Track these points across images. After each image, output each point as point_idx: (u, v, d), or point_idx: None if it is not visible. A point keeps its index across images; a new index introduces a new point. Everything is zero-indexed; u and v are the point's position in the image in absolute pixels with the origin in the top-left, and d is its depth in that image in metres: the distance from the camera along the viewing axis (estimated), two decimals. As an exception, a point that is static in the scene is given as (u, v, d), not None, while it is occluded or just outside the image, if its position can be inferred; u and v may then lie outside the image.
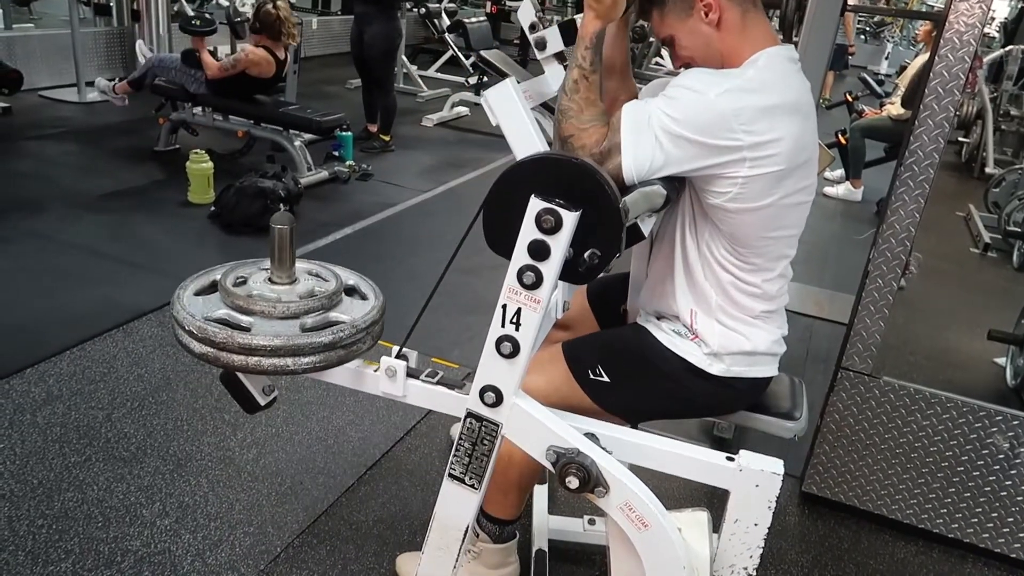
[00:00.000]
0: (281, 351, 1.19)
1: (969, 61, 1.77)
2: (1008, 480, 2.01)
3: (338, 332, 1.23)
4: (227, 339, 1.18)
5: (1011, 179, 5.19)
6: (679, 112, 1.23)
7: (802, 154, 1.30)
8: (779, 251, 1.39)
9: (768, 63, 1.30)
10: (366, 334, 1.28)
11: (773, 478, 1.21)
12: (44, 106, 5.42)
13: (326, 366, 1.24)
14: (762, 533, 1.24)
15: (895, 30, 14.61)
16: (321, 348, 1.21)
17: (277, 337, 1.19)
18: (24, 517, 1.84)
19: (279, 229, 1.25)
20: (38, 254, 3.21)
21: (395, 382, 1.30)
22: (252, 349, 1.18)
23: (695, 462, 1.25)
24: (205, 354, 1.20)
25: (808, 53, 2.48)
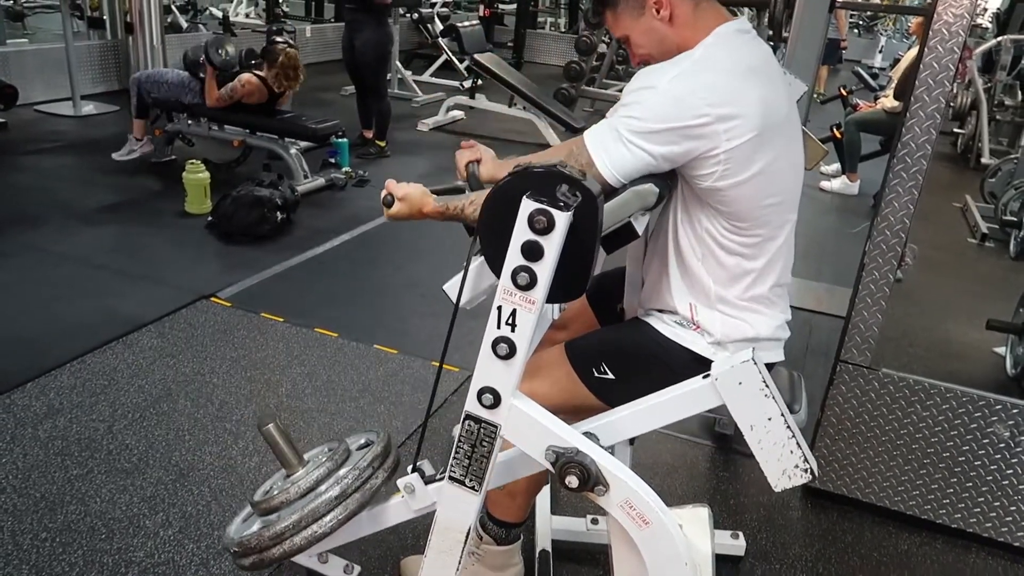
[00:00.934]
0: (302, 522, 1.28)
1: (959, 52, 1.77)
2: (1010, 469, 2.01)
3: (342, 480, 1.31)
4: (258, 539, 1.29)
5: (1007, 169, 5.20)
6: (639, 111, 1.24)
7: (773, 114, 1.30)
8: (781, 217, 1.38)
9: (715, 39, 1.32)
10: (374, 470, 1.35)
11: (748, 367, 1.21)
12: (40, 120, 5.43)
13: (350, 515, 1.31)
14: (782, 423, 1.21)
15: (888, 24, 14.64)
16: (335, 502, 1.29)
17: (295, 513, 1.28)
18: (27, 531, 1.84)
19: (264, 431, 1.37)
20: (37, 267, 3.22)
21: (419, 496, 1.36)
22: (280, 535, 1.28)
23: (681, 399, 1.27)
24: (255, 563, 1.31)
25: (798, 49, 2.49)
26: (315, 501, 1.29)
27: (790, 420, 1.22)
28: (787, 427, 1.22)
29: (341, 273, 3.48)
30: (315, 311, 3.07)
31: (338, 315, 3.05)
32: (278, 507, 1.34)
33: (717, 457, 2.40)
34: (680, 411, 1.28)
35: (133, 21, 6.17)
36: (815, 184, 5.59)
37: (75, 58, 5.59)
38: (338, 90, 7.11)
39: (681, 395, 1.27)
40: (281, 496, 1.34)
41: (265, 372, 2.60)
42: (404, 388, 2.58)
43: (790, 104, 1.38)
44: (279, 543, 1.29)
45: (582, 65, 6.81)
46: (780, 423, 1.22)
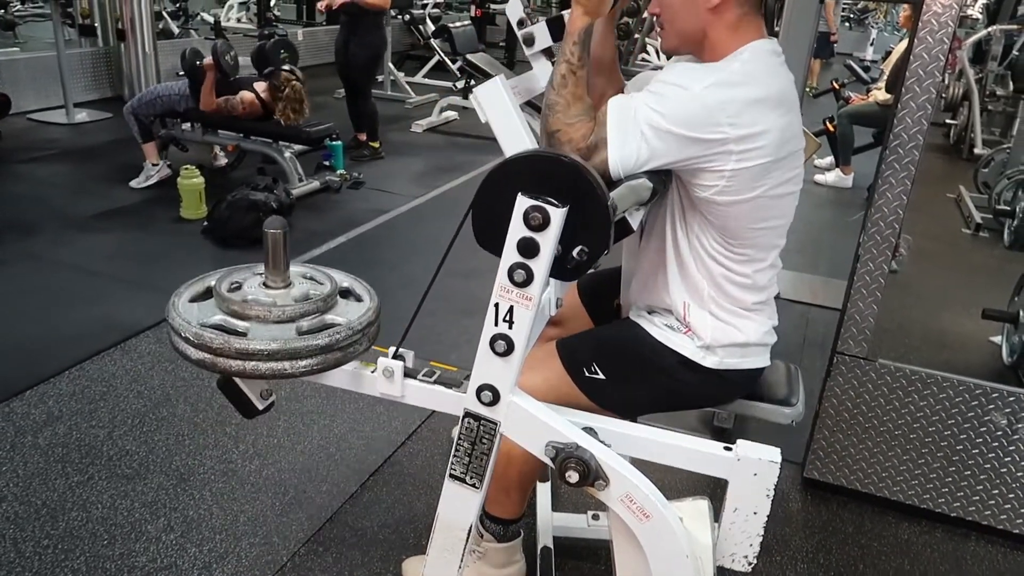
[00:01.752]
0: (278, 355, 1.19)
1: (948, 43, 1.78)
2: (1007, 457, 2.02)
3: (334, 334, 1.23)
4: (224, 344, 1.18)
5: (1000, 159, 5.22)
6: (665, 107, 1.24)
7: (787, 146, 1.31)
8: (770, 241, 1.39)
9: (752, 56, 1.31)
10: (362, 335, 1.28)
11: (771, 466, 1.21)
12: (33, 129, 5.43)
13: (323, 368, 1.24)
14: (761, 521, 1.25)
15: (879, 16, 14.66)
16: (318, 351, 1.21)
17: (274, 341, 1.19)
18: (29, 538, 1.84)
19: (272, 233, 1.25)
20: (33, 276, 3.22)
21: (393, 382, 1.30)
22: (249, 354, 1.18)
23: (693, 453, 1.26)
24: (202, 360, 1.20)
25: (789, 42, 2.49)
26: (298, 341, 1.20)
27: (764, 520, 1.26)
28: (763, 526, 1.26)
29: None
30: (313, 314, 3.06)
31: (336, 317, 3.05)
32: (247, 317, 1.23)
33: (716, 451, 2.41)
34: (687, 462, 1.27)
35: (125, 28, 6.18)
36: (809, 178, 5.59)
37: (67, 66, 5.59)
38: (331, 93, 7.11)
39: (696, 450, 1.26)
40: (256, 308, 1.23)
41: (264, 375, 2.60)
42: (403, 389, 2.58)
43: (801, 135, 1.38)
44: (243, 359, 1.18)
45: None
46: (760, 521, 1.25)
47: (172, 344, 1.25)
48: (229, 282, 1.30)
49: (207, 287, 1.33)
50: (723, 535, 1.28)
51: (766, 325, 1.45)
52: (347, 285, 1.40)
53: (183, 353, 1.22)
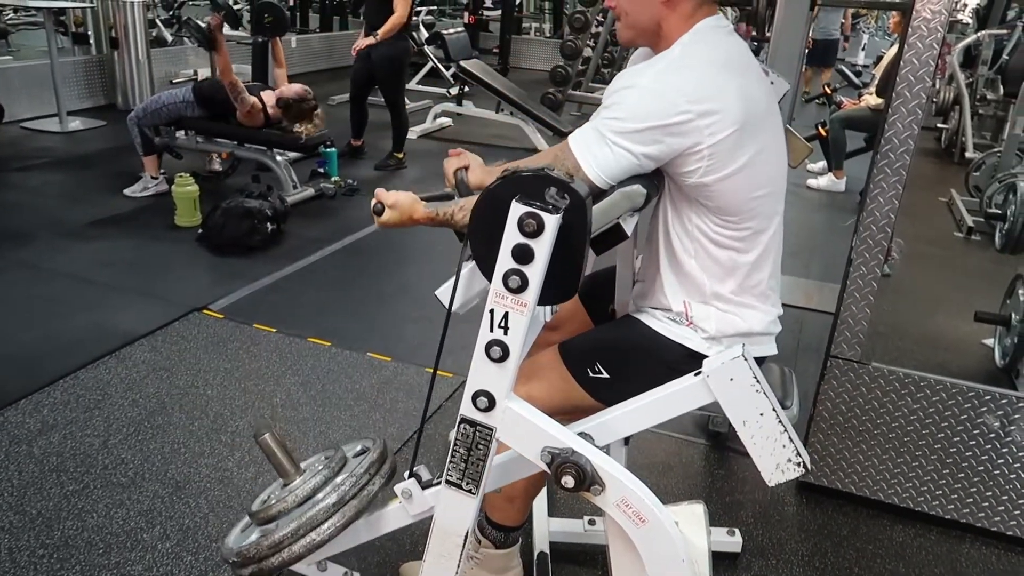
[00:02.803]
0: (300, 531, 1.28)
1: (938, 48, 1.80)
2: (1000, 459, 2.03)
3: (339, 487, 1.31)
4: (257, 549, 1.29)
5: (991, 162, 5.24)
6: (621, 111, 1.26)
7: (753, 106, 1.31)
8: (771, 207, 1.39)
9: (692, 38, 1.33)
10: (370, 477, 1.35)
11: (738, 362, 1.22)
12: (26, 137, 5.42)
13: (350, 521, 1.31)
14: (774, 419, 1.23)
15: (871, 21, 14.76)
16: (332, 509, 1.29)
17: (293, 522, 1.28)
18: (24, 548, 1.83)
19: (260, 441, 1.38)
20: (27, 284, 3.21)
21: (416, 501, 1.36)
22: (278, 544, 1.28)
23: (674, 397, 1.28)
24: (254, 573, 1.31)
25: (780, 48, 2.52)
26: (312, 509, 1.29)
27: (782, 415, 1.23)
28: (779, 422, 1.23)
29: (333, 282, 3.49)
30: (308, 321, 3.07)
31: (331, 324, 3.05)
32: (276, 516, 1.35)
33: (712, 455, 2.42)
34: (673, 409, 1.29)
35: (118, 36, 6.18)
36: (802, 182, 5.63)
37: (60, 74, 5.58)
38: (325, 100, 7.11)
39: (673, 393, 1.28)
40: (279, 505, 1.35)
41: (259, 383, 2.60)
42: (398, 395, 2.58)
43: (769, 96, 1.40)
44: (278, 552, 1.29)
45: (568, 69, 6.83)
46: (772, 418, 1.23)
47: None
48: (259, 501, 1.42)
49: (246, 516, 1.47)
50: (755, 455, 1.25)
51: (771, 314, 1.46)
52: (360, 447, 1.49)
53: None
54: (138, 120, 4.31)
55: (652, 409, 1.30)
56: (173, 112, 4.35)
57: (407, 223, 1.38)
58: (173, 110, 4.35)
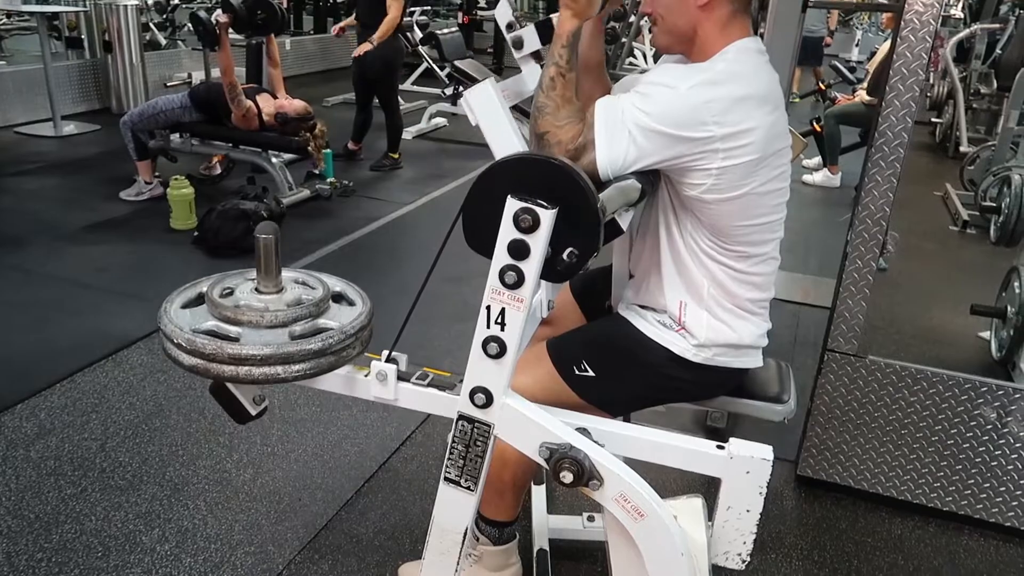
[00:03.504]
0: (271, 360, 1.18)
1: (931, 41, 1.80)
2: (998, 450, 2.04)
3: (327, 339, 1.22)
4: (216, 350, 1.17)
5: (985, 156, 5.26)
6: (651, 107, 1.25)
7: (774, 143, 1.32)
8: (762, 237, 1.40)
9: (737, 56, 1.32)
10: (355, 339, 1.28)
11: (763, 464, 1.22)
12: (20, 142, 5.40)
13: (316, 373, 1.23)
14: (755, 519, 1.26)
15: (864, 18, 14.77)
16: (311, 355, 1.21)
17: (267, 346, 1.18)
18: (23, 552, 1.83)
19: (263, 239, 1.25)
20: (23, 289, 3.20)
21: (386, 386, 1.30)
22: (242, 359, 1.17)
23: (686, 452, 1.26)
24: (195, 366, 1.19)
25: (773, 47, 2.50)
26: (292, 345, 1.19)
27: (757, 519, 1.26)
28: (756, 524, 1.26)
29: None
30: (305, 322, 3.06)
31: (328, 325, 3.04)
32: (240, 323, 1.22)
33: (710, 451, 2.42)
34: (679, 461, 1.27)
35: (112, 40, 6.16)
36: (797, 178, 5.63)
37: (54, 78, 5.57)
38: (320, 101, 7.11)
39: (688, 449, 1.26)
40: (249, 313, 1.22)
41: (257, 384, 2.59)
42: (397, 395, 2.58)
43: (787, 130, 1.40)
44: (236, 365, 1.17)
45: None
46: (753, 519, 1.25)
47: (164, 351, 1.24)
48: (221, 288, 1.30)
49: (199, 293, 1.32)
50: (716, 533, 1.28)
51: (761, 328, 1.46)
52: (339, 289, 1.40)
53: (176, 359, 1.22)
54: (132, 125, 4.29)
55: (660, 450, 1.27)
56: (171, 117, 4.34)
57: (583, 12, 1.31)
58: (171, 116, 4.34)
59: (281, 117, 4.26)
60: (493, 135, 1.43)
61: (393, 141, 5.40)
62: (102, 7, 6.08)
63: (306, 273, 1.39)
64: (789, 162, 1.41)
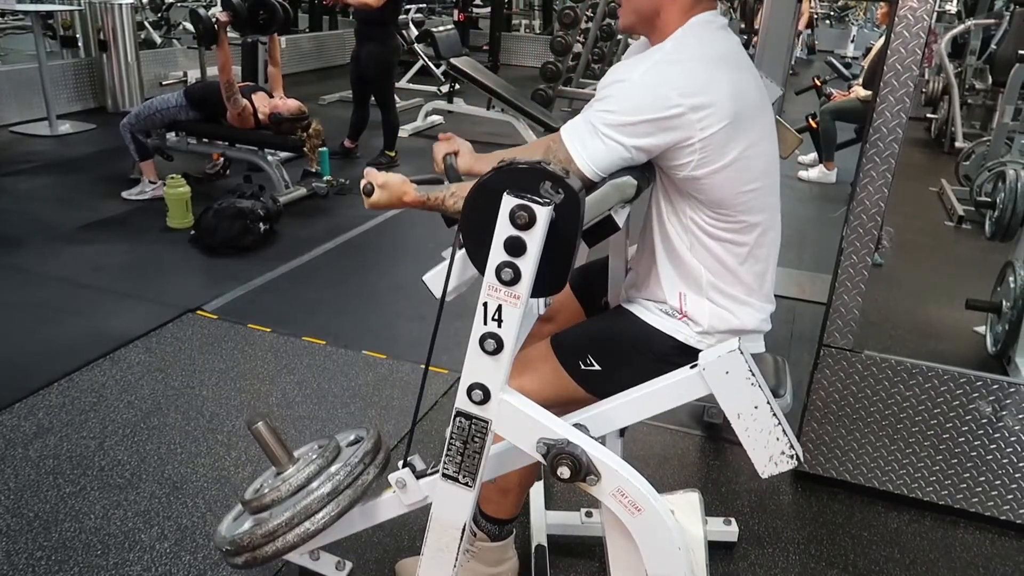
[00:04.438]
0: (295, 519, 1.27)
1: (924, 37, 1.81)
2: (993, 444, 2.05)
3: (333, 476, 1.30)
4: (251, 537, 1.28)
5: (980, 151, 5.27)
6: (613, 104, 1.27)
7: (744, 101, 1.32)
8: (763, 201, 1.40)
9: (685, 31, 1.34)
10: (365, 466, 1.35)
11: (734, 356, 1.23)
12: (15, 141, 5.39)
13: (344, 510, 1.31)
14: (768, 412, 1.24)
15: (859, 13, 14.80)
16: (327, 498, 1.29)
17: (287, 511, 1.27)
18: (22, 551, 1.83)
19: (253, 430, 1.37)
20: (20, 289, 3.20)
21: (410, 491, 1.36)
22: (272, 533, 1.27)
23: (668, 390, 1.29)
24: (248, 561, 1.30)
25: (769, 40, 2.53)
26: (307, 498, 1.28)
27: (776, 407, 1.24)
28: (773, 415, 1.24)
29: (326, 281, 3.49)
30: (302, 320, 3.07)
31: (325, 323, 3.05)
32: (269, 505, 1.34)
33: (707, 446, 2.43)
34: (668, 401, 1.29)
35: (106, 39, 6.15)
36: (793, 174, 5.65)
37: (49, 78, 5.55)
38: (316, 100, 7.10)
39: (669, 385, 1.29)
40: (272, 494, 1.34)
41: (254, 382, 2.60)
42: (394, 392, 2.59)
43: (761, 91, 1.41)
44: (272, 540, 1.28)
45: (558, 66, 6.83)
46: (766, 411, 1.24)
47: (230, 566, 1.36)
48: (252, 490, 1.41)
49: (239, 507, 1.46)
50: (749, 447, 1.26)
51: (764, 312, 1.46)
52: (354, 436, 1.49)
53: (234, 565, 1.33)
54: (130, 127, 4.30)
55: (647, 401, 1.30)
56: (167, 117, 4.35)
57: (396, 205, 1.37)
58: (166, 115, 4.34)
59: (275, 117, 4.27)
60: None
61: (389, 139, 5.40)
62: (97, 6, 6.06)
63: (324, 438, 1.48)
64: (772, 120, 1.42)
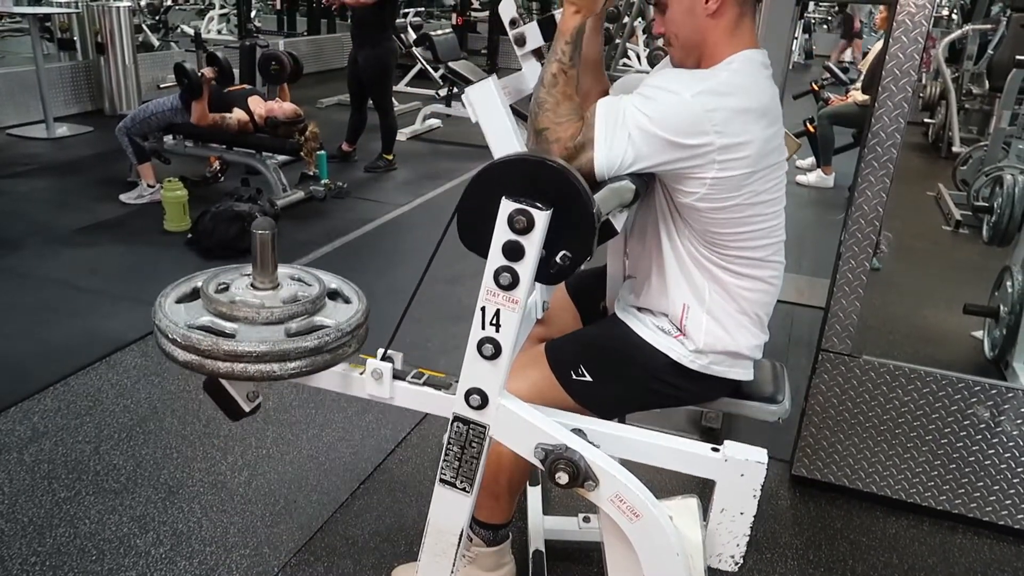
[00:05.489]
0: (267, 357, 1.17)
1: (922, 42, 1.81)
2: (991, 449, 2.05)
3: (323, 336, 1.22)
4: (212, 346, 1.16)
5: (977, 156, 5.28)
6: (654, 111, 1.25)
7: (769, 157, 1.32)
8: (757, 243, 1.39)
9: (741, 67, 1.33)
10: (351, 337, 1.28)
11: (757, 467, 1.22)
12: (12, 144, 5.38)
13: (312, 370, 1.23)
14: (748, 521, 1.26)
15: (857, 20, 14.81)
16: (307, 352, 1.20)
17: (263, 343, 1.18)
18: (16, 556, 1.82)
19: (260, 235, 1.25)
20: (16, 292, 3.19)
21: (382, 384, 1.30)
22: (238, 355, 1.16)
23: (680, 453, 1.27)
24: (190, 362, 1.19)
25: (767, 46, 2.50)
26: (288, 343, 1.18)
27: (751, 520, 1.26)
28: (750, 526, 1.26)
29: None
30: (299, 324, 3.06)
31: (323, 327, 3.04)
32: (235, 318, 1.22)
33: (705, 451, 2.42)
34: (675, 463, 1.27)
35: (104, 41, 6.14)
36: (791, 178, 5.64)
37: (46, 80, 5.54)
38: (314, 103, 7.10)
39: (684, 451, 1.26)
40: (244, 309, 1.22)
41: (251, 386, 2.59)
42: (392, 396, 2.58)
43: (782, 144, 1.40)
44: (231, 361, 1.16)
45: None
46: (747, 521, 1.26)
47: (159, 346, 1.23)
48: (216, 283, 1.29)
49: (194, 288, 1.32)
50: (710, 535, 1.29)
51: (759, 338, 1.46)
52: (335, 287, 1.40)
53: (170, 355, 1.21)
54: (127, 130, 4.30)
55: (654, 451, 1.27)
56: (162, 120, 4.35)
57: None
58: (162, 118, 4.34)
59: (271, 121, 4.28)
60: (492, 133, 1.44)
61: (387, 142, 5.40)
62: (94, 8, 6.06)
63: (302, 269, 1.39)
64: (784, 173, 1.41)
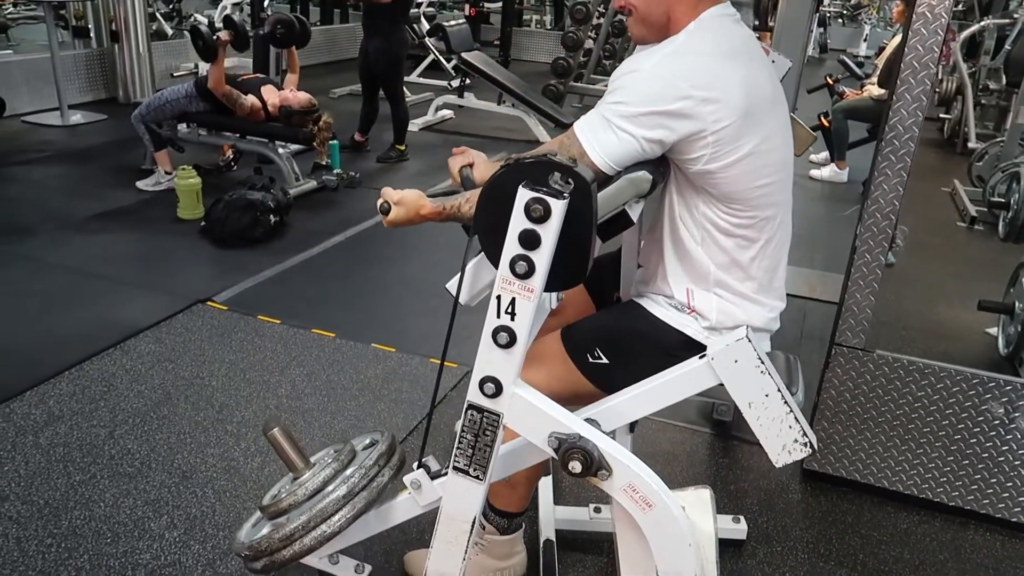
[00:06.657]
0: (311, 523, 1.28)
1: (943, 34, 1.79)
2: (1005, 446, 2.04)
3: (348, 479, 1.31)
4: (269, 542, 1.29)
5: (993, 152, 5.24)
6: (625, 95, 1.26)
7: (757, 95, 1.31)
8: (775, 196, 1.39)
9: (698, 24, 1.34)
10: (379, 469, 1.36)
11: (742, 344, 1.23)
12: (27, 131, 5.41)
13: (360, 512, 1.32)
14: (779, 400, 1.24)
15: (872, 12, 14.70)
16: (343, 500, 1.29)
17: (303, 514, 1.28)
18: (32, 537, 1.84)
19: (269, 436, 1.38)
20: (31, 278, 3.21)
21: (425, 492, 1.36)
22: (290, 537, 1.28)
23: (679, 380, 1.29)
24: (266, 566, 1.31)
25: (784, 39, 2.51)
26: (323, 501, 1.30)
27: (787, 395, 1.24)
28: (784, 402, 1.23)
29: (336, 274, 3.49)
30: (311, 312, 3.08)
31: (334, 315, 3.06)
32: (287, 509, 1.35)
33: (716, 444, 2.42)
34: (678, 392, 1.29)
35: (118, 29, 6.17)
36: (805, 173, 5.62)
37: (61, 68, 5.57)
38: (326, 93, 7.11)
39: (678, 376, 1.28)
40: (289, 499, 1.35)
41: (264, 374, 2.61)
42: (403, 385, 2.59)
43: (775, 85, 1.40)
44: (289, 544, 1.30)
45: (569, 61, 6.82)
46: (777, 399, 1.24)
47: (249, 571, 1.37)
48: (270, 496, 1.42)
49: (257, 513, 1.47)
50: (761, 437, 1.25)
51: (773, 310, 1.46)
52: (369, 440, 1.49)
53: (254, 571, 1.35)
54: (142, 118, 4.32)
55: (657, 393, 1.30)
56: (177, 108, 4.36)
57: (415, 220, 1.37)
58: (176, 106, 4.35)
59: (286, 110, 4.28)
60: None
61: (399, 133, 5.40)
62: (109, -3, 6.08)
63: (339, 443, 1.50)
64: (786, 115, 1.41)
